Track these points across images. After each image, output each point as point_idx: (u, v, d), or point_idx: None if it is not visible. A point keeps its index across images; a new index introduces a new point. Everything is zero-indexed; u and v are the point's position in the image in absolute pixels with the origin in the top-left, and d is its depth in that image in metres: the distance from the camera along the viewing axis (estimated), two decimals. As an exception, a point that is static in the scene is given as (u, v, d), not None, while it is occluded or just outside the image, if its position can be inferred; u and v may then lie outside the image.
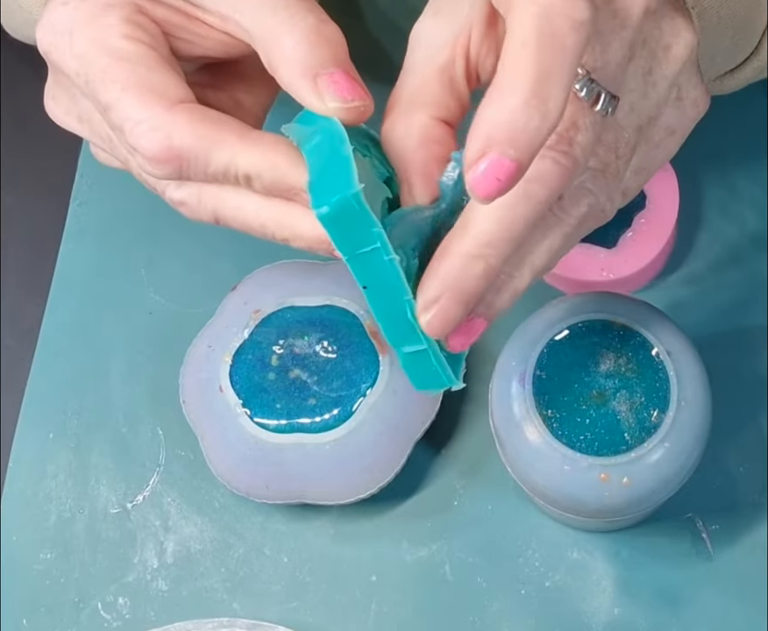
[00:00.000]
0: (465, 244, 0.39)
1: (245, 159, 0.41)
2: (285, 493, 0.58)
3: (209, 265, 0.65)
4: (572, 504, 0.50)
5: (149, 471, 0.62)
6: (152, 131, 0.41)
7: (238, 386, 0.58)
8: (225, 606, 0.59)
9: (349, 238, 0.39)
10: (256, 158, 0.41)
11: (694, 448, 0.49)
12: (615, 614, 0.57)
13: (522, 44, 0.36)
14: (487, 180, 0.36)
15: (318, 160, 0.40)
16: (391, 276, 0.40)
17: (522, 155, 0.35)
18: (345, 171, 0.39)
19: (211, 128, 0.41)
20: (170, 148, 0.41)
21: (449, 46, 0.42)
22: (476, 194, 0.36)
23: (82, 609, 0.60)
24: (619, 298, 0.51)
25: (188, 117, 0.41)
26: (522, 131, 0.35)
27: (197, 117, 0.41)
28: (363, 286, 0.41)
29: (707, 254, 0.62)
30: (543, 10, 0.36)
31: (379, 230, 0.39)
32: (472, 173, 0.36)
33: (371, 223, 0.39)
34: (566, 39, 0.36)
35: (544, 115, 0.35)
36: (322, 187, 0.39)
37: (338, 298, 0.59)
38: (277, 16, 0.41)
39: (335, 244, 0.40)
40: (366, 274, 0.40)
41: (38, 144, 0.71)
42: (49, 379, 0.64)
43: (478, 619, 0.57)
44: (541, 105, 0.35)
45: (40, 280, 0.66)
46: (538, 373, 0.49)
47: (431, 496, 0.60)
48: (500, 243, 0.39)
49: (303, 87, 0.41)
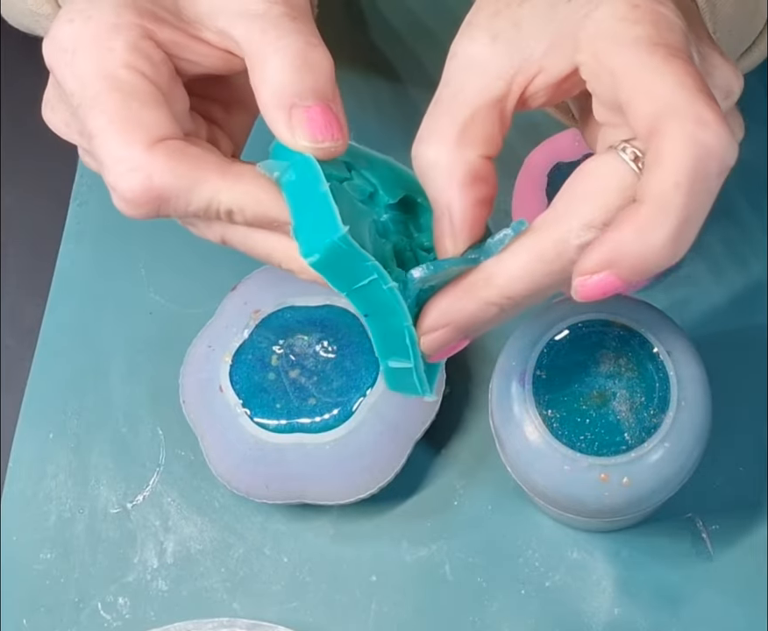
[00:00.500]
0: (488, 293, 0.40)
1: (227, 196, 0.41)
2: (285, 493, 0.58)
3: (209, 265, 0.65)
4: (572, 504, 0.49)
5: (149, 471, 0.62)
6: (131, 171, 0.41)
7: (238, 386, 0.58)
8: (225, 606, 0.59)
9: (345, 276, 0.40)
10: (238, 194, 0.41)
11: (694, 448, 0.49)
12: (615, 614, 0.57)
13: (676, 184, 0.36)
14: (594, 291, 0.37)
15: (297, 200, 0.40)
16: (391, 303, 0.40)
17: (635, 280, 0.37)
18: (328, 213, 0.38)
19: (191, 166, 0.41)
20: (150, 189, 0.40)
21: (505, 79, 0.40)
22: (577, 294, 0.37)
23: (82, 609, 0.60)
24: (619, 298, 0.51)
25: (167, 157, 0.40)
26: (649, 266, 0.36)
27: (177, 156, 0.41)
28: (364, 314, 0.41)
29: (707, 254, 0.62)
30: (701, 153, 0.36)
31: (373, 262, 0.39)
32: (584, 281, 0.37)
33: (363, 259, 0.39)
34: (712, 184, 0.36)
35: (674, 256, 0.36)
36: (307, 233, 0.39)
37: (338, 298, 0.58)
38: (266, 35, 0.41)
39: (331, 285, 0.40)
40: (367, 304, 0.40)
41: (38, 144, 0.71)
42: (49, 379, 0.64)
43: (478, 619, 0.57)
44: (677, 249, 0.36)
45: (40, 280, 0.66)
46: (538, 373, 0.49)
47: (431, 496, 0.60)
48: (521, 299, 0.40)
49: (278, 118, 0.40)
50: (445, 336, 0.41)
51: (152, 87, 0.42)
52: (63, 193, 0.68)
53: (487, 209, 0.41)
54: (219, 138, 0.46)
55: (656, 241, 0.36)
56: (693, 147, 0.36)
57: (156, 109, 0.41)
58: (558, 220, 0.39)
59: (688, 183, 0.36)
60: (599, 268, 0.37)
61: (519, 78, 0.40)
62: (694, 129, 0.36)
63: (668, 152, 0.36)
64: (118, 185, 0.41)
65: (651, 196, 0.36)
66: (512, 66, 0.40)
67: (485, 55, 0.40)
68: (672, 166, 0.36)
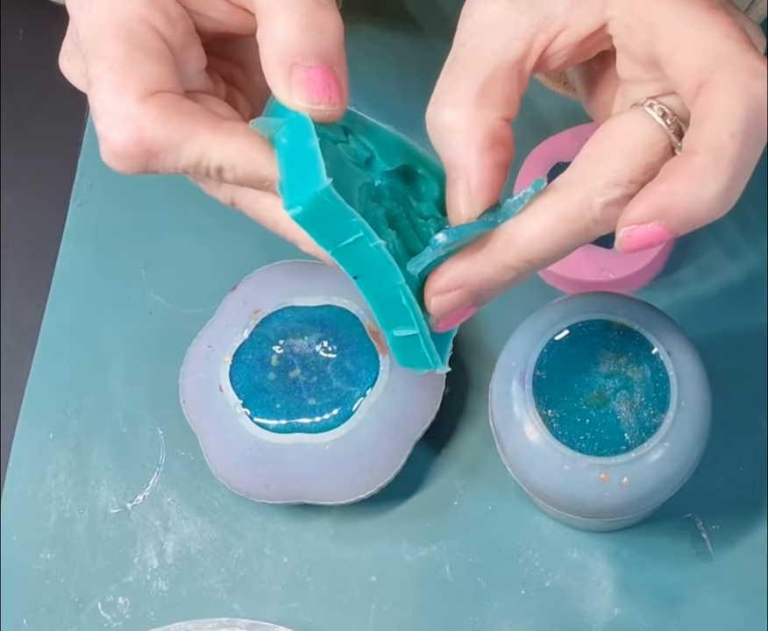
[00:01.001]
0: (506, 256, 0.39)
1: (217, 152, 0.40)
2: (285, 493, 0.58)
3: (209, 265, 0.65)
4: (572, 504, 0.49)
5: (149, 471, 0.62)
6: (121, 121, 0.40)
7: (238, 386, 0.58)
8: (225, 606, 0.59)
9: (329, 233, 0.39)
10: (230, 150, 0.40)
11: (694, 448, 0.49)
12: (615, 614, 0.57)
13: (731, 135, 0.35)
14: (640, 242, 0.37)
15: (286, 155, 0.39)
16: (380, 262, 0.39)
17: (683, 232, 0.36)
18: (313, 166, 0.38)
19: (183, 120, 0.40)
20: (139, 141, 0.40)
21: (524, 39, 0.39)
22: (622, 245, 0.37)
23: (82, 609, 0.60)
24: (619, 298, 0.51)
25: (159, 110, 0.40)
26: (700, 217, 0.36)
27: (169, 110, 0.40)
28: (353, 276, 0.40)
29: (707, 254, 0.61)
30: (755, 104, 0.35)
31: (358, 219, 0.38)
32: (630, 231, 0.36)
33: (348, 215, 0.38)
34: (763, 136, 0.36)
35: (724, 207, 0.36)
36: (291, 186, 0.39)
37: (338, 298, 0.59)
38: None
39: (316, 241, 0.39)
40: (355, 264, 0.39)
41: (38, 144, 0.71)
42: (49, 379, 0.64)
43: (478, 619, 0.57)
44: (728, 201, 0.36)
45: (40, 280, 0.66)
46: (538, 373, 0.49)
47: (431, 496, 0.60)
48: (538, 262, 0.39)
49: (277, 75, 0.40)
50: (457, 299, 0.40)
51: (162, 43, 0.41)
52: (63, 193, 0.68)
53: (504, 174, 0.40)
54: (238, 100, 0.46)
55: (709, 192, 0.35)
56: (748, 98, 0.35)
57: (159, 64, 0.41)
58: (581, 178, 0.38)
59: (743, 134, 0.35)
60: (647, 218, 0.36)
61: (540, 36, 0.39)
62: (748, 80, 0.36)
63: (722, 103, 0.35)
64: (107, 134, 0.40)
65: (705, 147, 0.36)
66: (532, 24, 0.39)
67: (503, 14, 0.39)
68: (727, 116, 0.35)
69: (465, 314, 0.42)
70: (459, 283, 0.40)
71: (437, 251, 0.39)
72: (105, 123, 0.40)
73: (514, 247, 0.39)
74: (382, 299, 0.40)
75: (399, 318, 0.41)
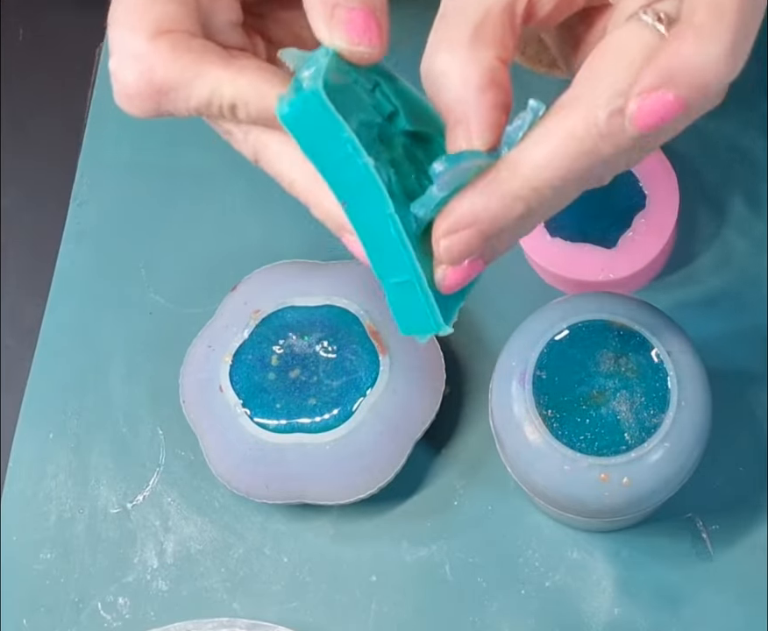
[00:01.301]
0: (513, 185, 0.37)
1: (229, 89, 0.40)
2: (285, 493, 0.58)
3: (209, 265, 0.65)
4: (572, 504, 0.49)
5: (149, 471, 0.62)
6: (132, 60, 0.40)
7: (238, 386, 0.58)
8: (225, 606, 0.59)
9: (317, 144, 0.37)
10: (242, 86, 0.40)
11: (694, 448, 0.49)
12: (615, 614, 0.57)
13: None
14: (652, 112, 0.35)
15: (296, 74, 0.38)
16: (369, 186, 0.37)
17: (695, 103, 0.35)
18: (313, 76, 0.36)
19: (194, 58, 0.40)
20: (150, 80, 0.40)
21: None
22: (635, 120, 0.35)
23: (82, 609, 0.60)
24: (619, 298, 0.51)
25: (170, 48, 0.40)
26: (709, 80, 0.35)
27: (180, 48, 0.40)
28: (342, 201, 0.38)
29: (707, 254, 0.62)
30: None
31: (349, 134, 0.37)
32: (642, 101, 0.35)
33: (338, 127, 0.37)
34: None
35: (732, 71, 0.35)
36: (289, 91, 0.37)
37: (338, 298, 0.59)
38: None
39: (304, 153, 0.38)
40: (343, 186, 0.38)
41: (38, 144, 0.71)
42: (49, 379, 0.64)
43: (478, 619, 0.57)
44: (734, 60, 0.35)
45: (40, 280, 0.66)
46: (538, 373, 0.49)
47: (431, 496, 0.60)
48: (547, 191, 0.38)
49: (319, 14, 0.39)
50: (467, 240, 0.38)
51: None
52: (63, 193, 0.68)
53: (505, 117, 0.39)
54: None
55: (714, 50, 0.35)
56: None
57: (176, 5, 0.40)
58: (582, 97, 0.37)
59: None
60: (657, 84, 0.35)
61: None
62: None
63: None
64: (118, 73, 0.40)
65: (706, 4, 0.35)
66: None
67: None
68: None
69: (474, 268, 0.40)
70: (467, 221, 0.38)
71: (440, 187, 0.38)
72: (116, 61, 0.40)
73: (520, 175, 0.38)
74: (373, 234, 0.38)
75: (392, 260, 0.39)
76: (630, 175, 0.59)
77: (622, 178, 0.59)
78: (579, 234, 0.59)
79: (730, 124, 0.63)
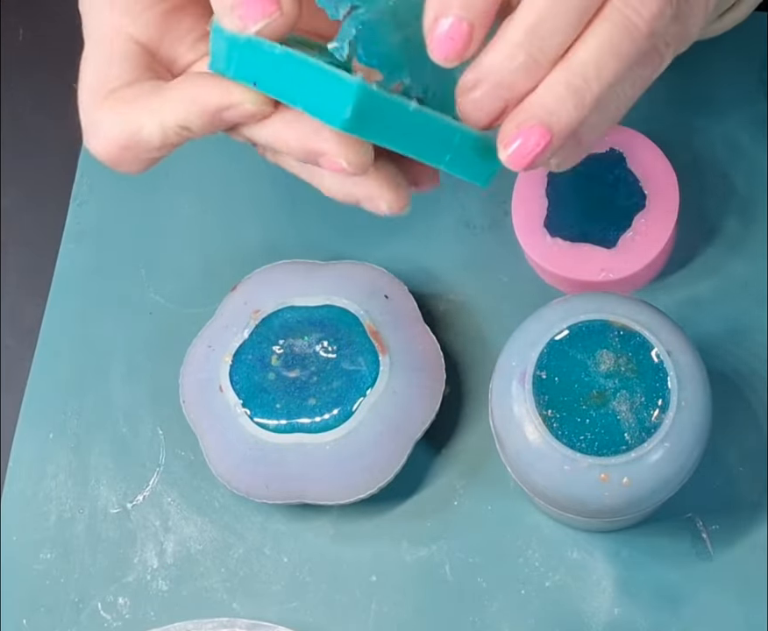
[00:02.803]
0: (511, 31, 0.38)
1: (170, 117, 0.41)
2: (285, 493, 0.58)
3: (209, 265, 0.65)
4: (572, 504, 0.49)
5: (149, 471, 0.62)
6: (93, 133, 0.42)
7: (238, 386, 0.58)
8: (225, 606, 0.59)
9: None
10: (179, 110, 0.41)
11: (694, 448, 0.49)
12: (615, 614, 0.57)
13: None
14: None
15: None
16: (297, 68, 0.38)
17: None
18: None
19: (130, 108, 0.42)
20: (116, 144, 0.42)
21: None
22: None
23: (82, 609, 0.60)
24: (619, 298, 0.51)
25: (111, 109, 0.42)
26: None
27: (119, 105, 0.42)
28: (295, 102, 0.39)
29: (707, 254, 0.62)
30: None
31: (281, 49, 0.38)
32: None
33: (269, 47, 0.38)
34: None
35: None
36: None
37: (338, 298, 0.59)
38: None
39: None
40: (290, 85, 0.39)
41: (38, 144, 0.71)
42: (49, 379, 0.64)
43: (478, 619, 0.57)
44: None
45: (40, 280, 0.66)
46: (538, 373, 0.49)
47: (431, 496, 0.60)
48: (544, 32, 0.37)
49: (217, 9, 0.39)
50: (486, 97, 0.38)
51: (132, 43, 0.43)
52: (63, 193, 0.68)
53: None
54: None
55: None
56: None
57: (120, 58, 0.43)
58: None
59: None
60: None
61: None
62: None
63: None
64: (94, 150, 0.42)
65: None
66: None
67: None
68: None
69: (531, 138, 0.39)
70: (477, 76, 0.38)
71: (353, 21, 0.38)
72: (86, 139, 0.43)
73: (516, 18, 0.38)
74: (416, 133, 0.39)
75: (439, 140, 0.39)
76: (630, 175, 0.59)
77: (622, 178, 0.59)
78: (579, 234, 0.59)
79: (730, 123, 0.63)
